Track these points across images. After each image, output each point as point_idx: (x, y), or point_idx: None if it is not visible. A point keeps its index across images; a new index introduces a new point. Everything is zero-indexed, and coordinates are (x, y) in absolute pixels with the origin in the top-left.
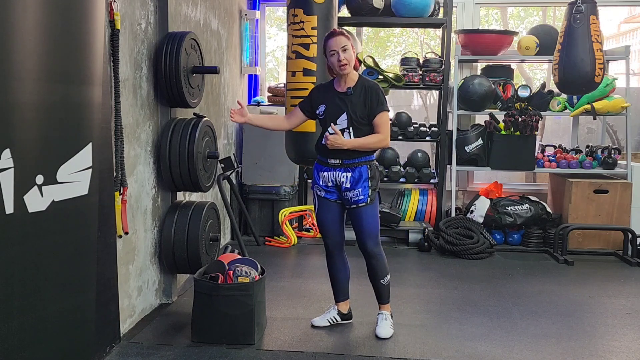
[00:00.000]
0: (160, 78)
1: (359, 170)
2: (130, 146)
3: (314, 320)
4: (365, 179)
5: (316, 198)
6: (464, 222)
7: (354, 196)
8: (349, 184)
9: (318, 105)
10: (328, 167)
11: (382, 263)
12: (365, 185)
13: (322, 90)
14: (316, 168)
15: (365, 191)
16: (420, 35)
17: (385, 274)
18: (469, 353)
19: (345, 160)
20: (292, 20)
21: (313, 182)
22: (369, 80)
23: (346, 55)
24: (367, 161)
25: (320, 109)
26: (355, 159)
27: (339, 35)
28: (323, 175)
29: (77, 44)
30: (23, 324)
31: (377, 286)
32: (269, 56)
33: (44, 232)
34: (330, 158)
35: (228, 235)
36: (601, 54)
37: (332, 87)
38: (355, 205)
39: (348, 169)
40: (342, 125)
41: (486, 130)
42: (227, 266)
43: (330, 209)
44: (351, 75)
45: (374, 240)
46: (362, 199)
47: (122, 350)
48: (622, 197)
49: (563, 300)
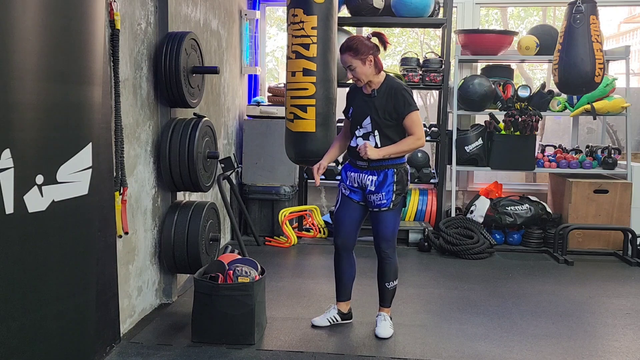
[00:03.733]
0: (160, 78)
1: (385, 173)
2: (130, 146)
3: (314, 320)
4: (390, 183)
5: (340, 195)
6: (464, 222)
7: (377, 199)
8: (374, 187)
9: (349, 107)
10: (356, 169)
11: (392, 267)
12: (389, 190)
13: (353, 91)
14: (345, 167)
15: (389, 195)
16: (420, 35)
17: (392, 279)
18: (469, 353)
19: (372, 162)
20: (292, 20)
21: (340, 180)
22: (395, 81)
23: (355, 74)
24: (394, 164)
25: (350, 111)
26: (383, 161)
27: (344, 54)
28: (350, 176)
29: (77, 44)
30: (23, 324)
31: (382, 288)
32: (269, 56)
33: (44, 232)
34: (358, 160)
35: (228, 235)
36: (601, 54)
37: (361, 90)
38: (378, 209)
39: (374, 171)
40: (367, 129)
41: (486, 130)
42: (227, 266)
43: (351, 208)
44: (376, 79)
45: (387, 244)
46: (385, 203)
47: (122, 351)
48: (622, 197)
49: (563, 300)
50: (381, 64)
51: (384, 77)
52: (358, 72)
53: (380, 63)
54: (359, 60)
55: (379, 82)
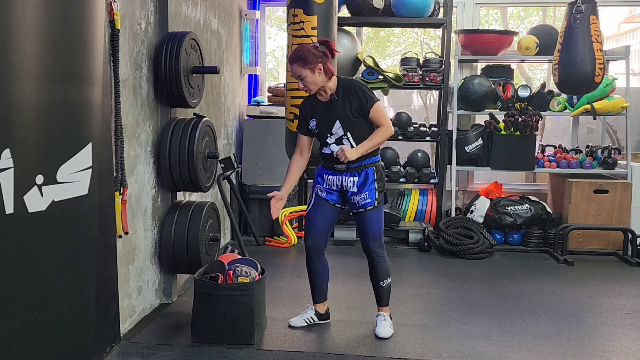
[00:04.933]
0: (160, 78)
1: (365, 172)
2: (130, 146)
3: (291, 321)
4: (372, 182)
5: (313, 196)
6: (464, 222)
7: (361, 200)
8: (356, 188)
9: (309, 121)
10: (333, 172)
11: (384, 265)
12: (372, 188)
13: (308, 105)
14: (320, 171)
15: (372, 194)
16: (420, 35)
17: (386, 277)
18: (469, 353)
19: (351, 164)
20: (292, 20)
21: (315, 182)
22: (348, 79)
23: (305, 83)
24: (372, 163)
25: (312, 124)
26: (361, 161)
27: (293, 65)
28: (328, 179)
29: (77, 44)
30: (23, 324)
31: (377, 288)
32: (269, 56)
33: (44, 232)
34: (335, 163)
35: (228, 235)
36: (601, 54)
37: (316, 99)
38: (363, 209)
39: (354, 172)
40: (338, 134)
41: (486, 130)
42: (227, 266)
43: (326, 210)
44: (329, 84)
45: (377, 242)
46: (370, 202)
47: (122, 350)
48: (622, 197)
49: (563, 300)
50: (332, 70)
51: (337, 81)
52: (308, 82)
53: (331, 69)
54: (308, 70)
55: (333, 87)
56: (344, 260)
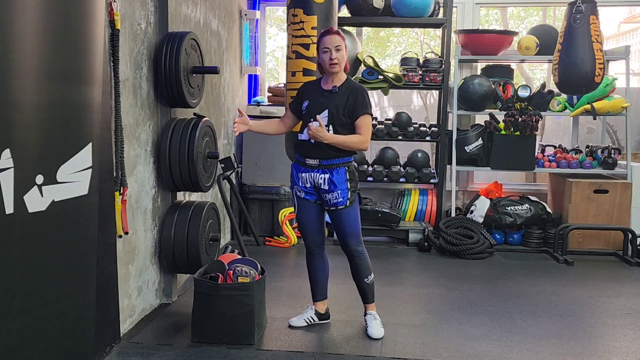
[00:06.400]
0: (160, 78)
1: (337, 171)
2: (130, 146)
3: (291, 321)
4: (344, 181)
5: (296, 199)
6: (464, 222)
7: (333, 198)
8: (327, 186)
9: (303, 101)
10: (306, 168)
11: (365, 262)
12: (343, 188)
13: (309, 87)
14: (295, 168)
15: (344, 194)
16: (420, 35)
17: (369, 273)
18: (469, 353)
19: (322, 161)
20: (292, 20)
21: (292, 183)
22: (356, 83)
23: (338, 55)
24: (345, 162)
25: (303, 105)
26: (333, 159)
27: (334, 34)
28: (302, 176)
29: (77, 44)
30: (23, 324)
31: (361, 286)
32: (269, 56)
33: (44, 232)
34: (308, 158)
35: (228, 235)
36: (601, 54)
37: (319, 85)
38: (335, 207)
39: (326, 170)
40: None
41: (486, 130)
42: (227, 266)
43: (310, 209)
44: (339, 76)
45: (356, 240)
46: (341, 201)
47: (122, 350)
48: (622, 197)
49: (563, 300)
50: (347, 63)
51: (345, 78)
52: (342, 55)
53: (347, 62)
54: (344, 44)
55: (341, 79)
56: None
